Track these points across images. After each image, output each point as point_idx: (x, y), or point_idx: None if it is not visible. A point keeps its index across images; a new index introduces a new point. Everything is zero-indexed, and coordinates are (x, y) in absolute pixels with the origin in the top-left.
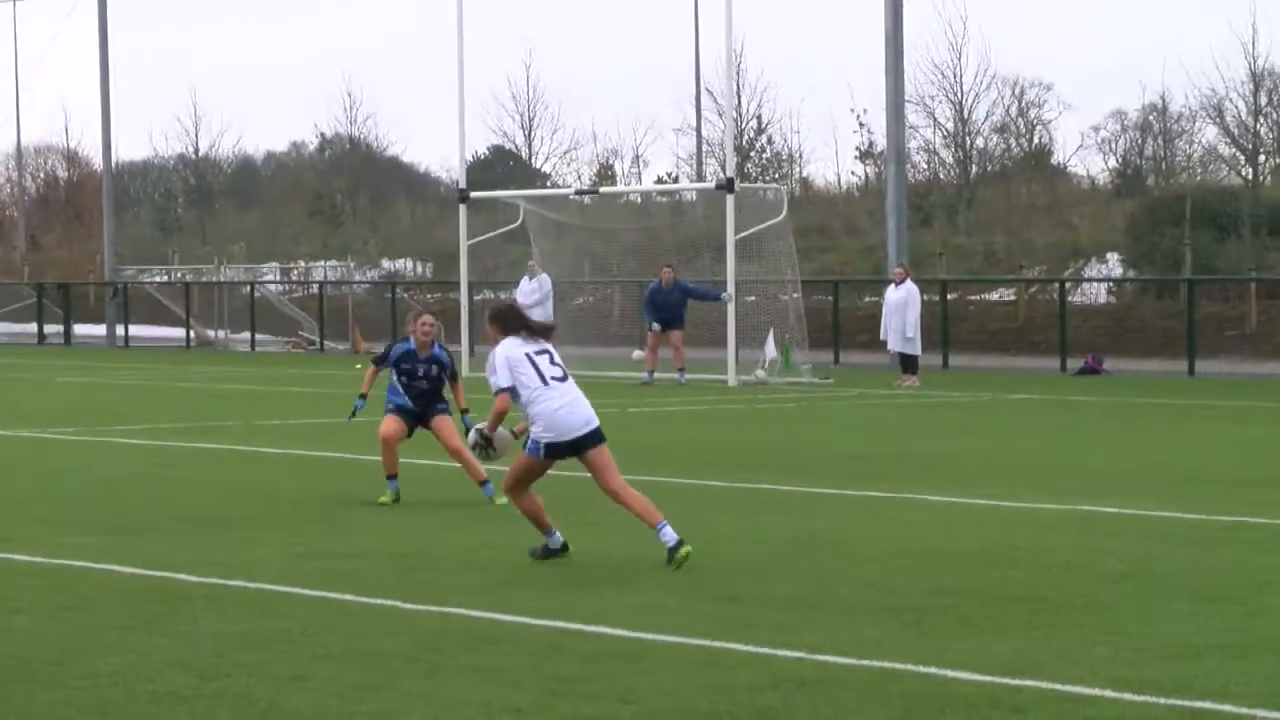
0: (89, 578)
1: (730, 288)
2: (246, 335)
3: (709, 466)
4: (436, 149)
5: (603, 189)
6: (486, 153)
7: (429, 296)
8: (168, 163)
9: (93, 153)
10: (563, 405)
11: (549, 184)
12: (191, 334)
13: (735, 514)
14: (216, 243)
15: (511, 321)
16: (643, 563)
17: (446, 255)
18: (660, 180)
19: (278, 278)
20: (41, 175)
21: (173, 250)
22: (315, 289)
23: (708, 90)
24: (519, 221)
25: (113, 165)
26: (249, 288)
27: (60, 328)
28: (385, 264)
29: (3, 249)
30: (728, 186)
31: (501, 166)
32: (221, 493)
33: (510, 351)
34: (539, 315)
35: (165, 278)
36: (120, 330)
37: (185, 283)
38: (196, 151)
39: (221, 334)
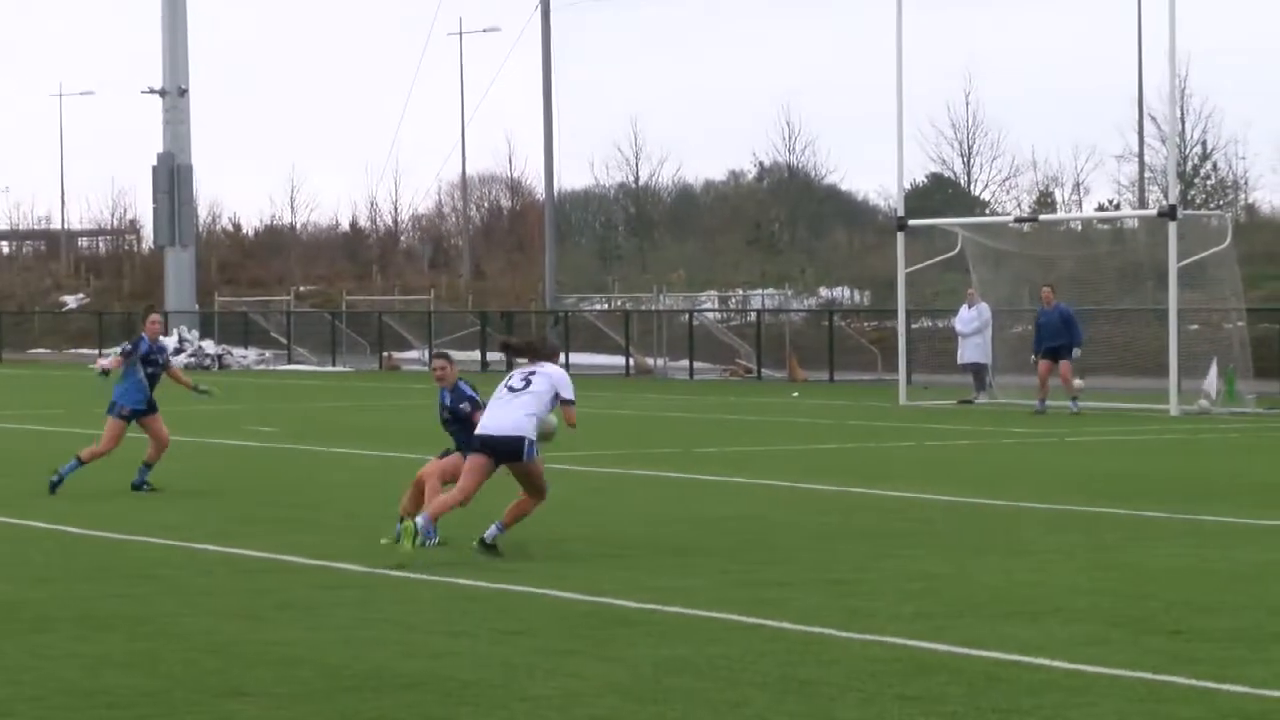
0: (529, 602)
1: (1172, 315)
2: (685, 363)
3: (1150, 497)
4: (874, 176)
5: (1043, 216)
6: (925, 180)
7: (866, 325)
8: (608, 192)
9: (535, 182)
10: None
11: (988, 211)
12: (631, 361)
13: (1178, 545)
14: (655, 271)
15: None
16: (1083, 592)
17: (884, 283)
18: (1101, 207)
19: (716, 305)
20: (486, 205)
21: (613, 278)
22: (753, 317)
23: (1150, 116)
24: (957, 249)
25: (555, 194)
26: (688, 315)
27: (502, 356)
28: (823, 292)
29: (448, 277)
30: (1170, 213)
31: (940, 194)
32: (657, 519)
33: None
34: (976, 343)
35: (605, 305)
36: (562, 358)
37: (625, 310)
38: (636, 181)
39: (660, 361)
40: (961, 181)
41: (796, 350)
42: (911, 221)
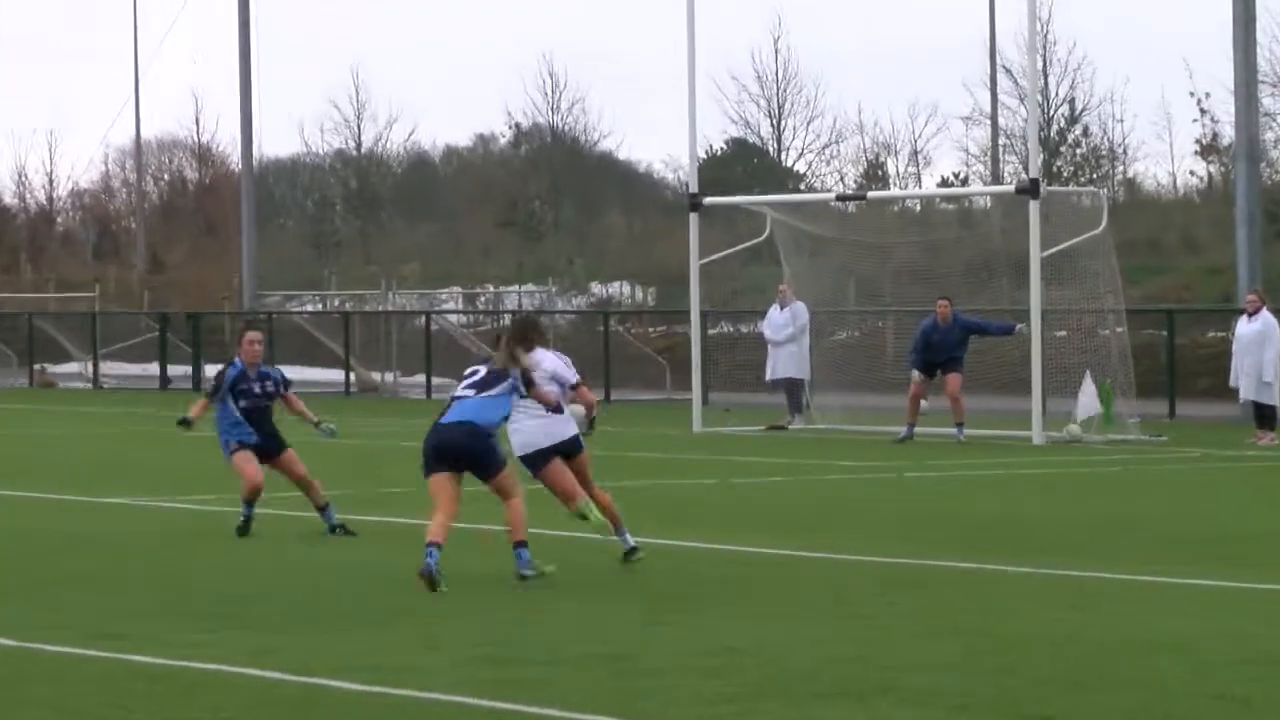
0: (218, 683)
1: (1034, 318)
2: (421, 379)
3: (1007, 547)
4: (660, 143)
5: (871, 194)
6: (724, 147)
7: (651, 330)
8: (323, 162)
9: (229, 149)
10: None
11: (803, 187)
12: (352, 377)
13: (1046, 608)
14: (384, 262)
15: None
16: (923, 667)
17: (673, 277)
18: (945, 182)
19: (460, 306)
20: (165, 177)
21: (329, 271)
22: (506, 320)
23: (1005, 68)
24: (765, 234)
25: (255, 164)
26: (424, 319)
27: (188, 369)
28: (596, 288)
29: (118, 269)
30: (1031, 190)
31: (743, 164)
32: (375, 577)
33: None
34: (790, 353)
35: (320, 306)
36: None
37: (344, 312)
38: (359, 148)
39: (390, 377)
40: (770, 149)
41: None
42: (707, 199)
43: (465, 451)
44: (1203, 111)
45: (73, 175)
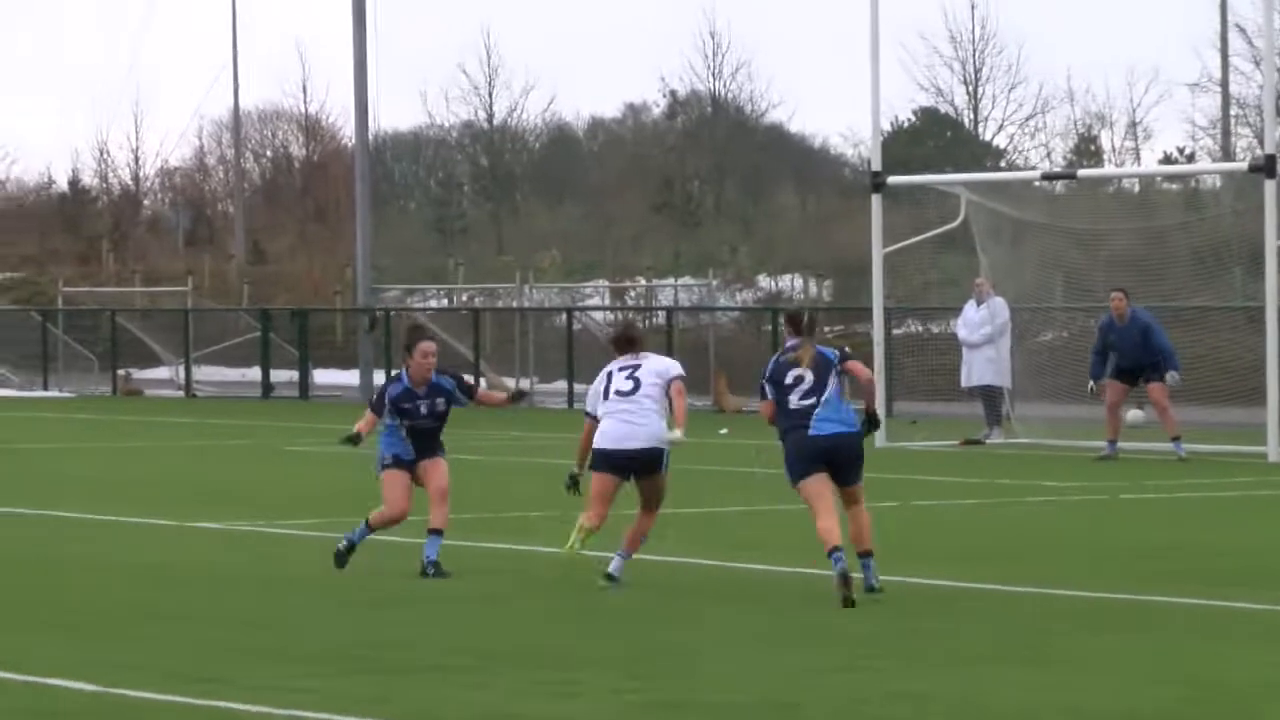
0: None
1: (1270, 315)
2: (562, 385)
3: (1244, 581)
4: (838, 113)
5: (1082, 172)
6: (912, 119)
7: (827, 330)
8: (449, 135)
9: (342, 120)
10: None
11: (1004, 164)
12: (483, 383)
13: None
14: (519, 251)
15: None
16: (1142, 717)
17: (853, 269)
18: (1168, 159)
19: (607, 301)
20: (268, 153)
21: (455, 261)
22: (661, 318)
23: (1237, 26)
24: (960, 219)
25: (370, 138)
26: (565, 316)
27: (294, 374)
28: (764, 282)
29: (213, 259)
30: (1267, 167)
31: (935, 139)
32: (512, 613)
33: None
34: (988, 356)
35: (445, 302)
36: (380, 378)
37: (474, 309)
38: (490, 120)
39: (527, 383)
40: (965, 120)
41: (725, 367)
42: (892, 179)
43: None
44: None
45: (161, 152)
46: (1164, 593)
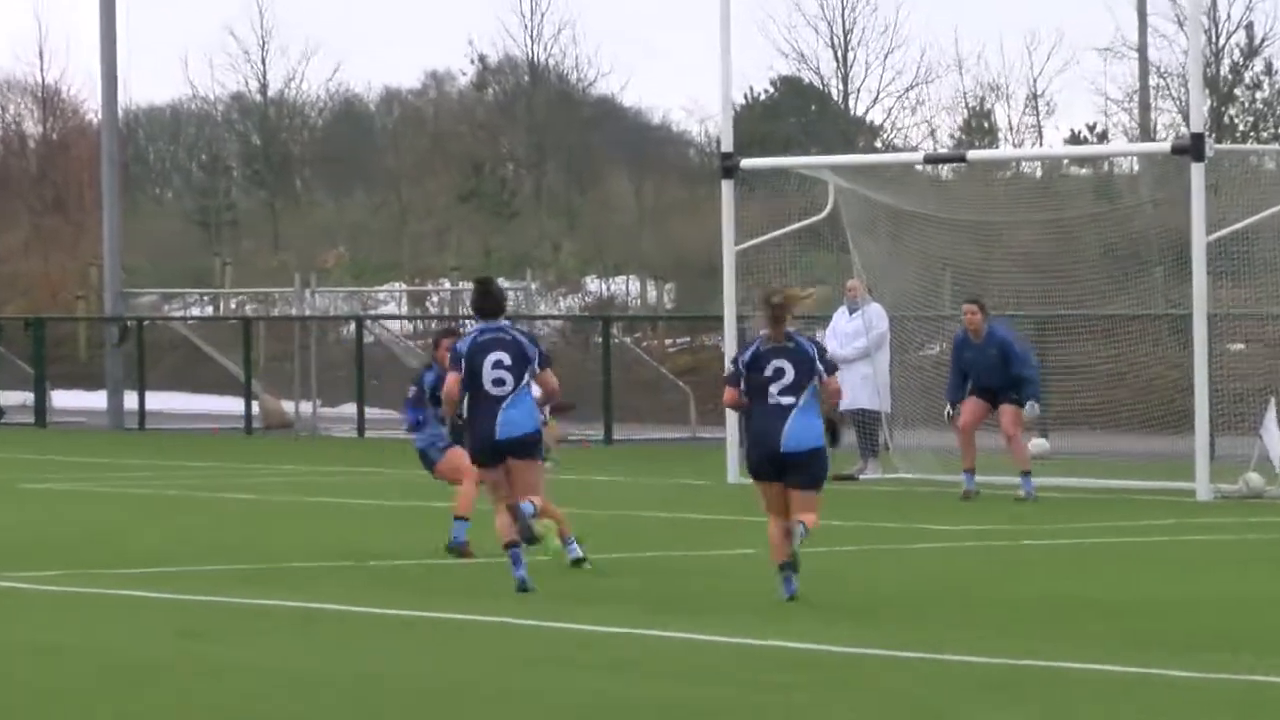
0: None
1: (1198, 326)
2: (350, 409)
3: (1169, 642)
4: (681, 84)
5: (973, 153)
6: (770, 89)
7: (669, 343)
8: (213, 110)
9: (86, 92)
10: None
11: (880, 144)
12: (255, 407)
13: None
14: (299, 248)
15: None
16: None
17: (699, 270)
18: (1076, 138)
19: (404, 309)
20: None
21: (223, 262)
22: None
23: None
24: (827, 210)
25: (120, 112)
26: (352, 325)
27: (28, 395)
28: (592, 285)
29: None
30: (1193, 149)
31: (797, 113)
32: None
33: None
34: (863, 375)
35: (210, 309)
36: (131, 401)
37: (244, 318)
38: (264, 91)
39: (307, 407)
40: (834, 91)
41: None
42: (746, 161)
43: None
44: None
45: None
46: (1072, 658)
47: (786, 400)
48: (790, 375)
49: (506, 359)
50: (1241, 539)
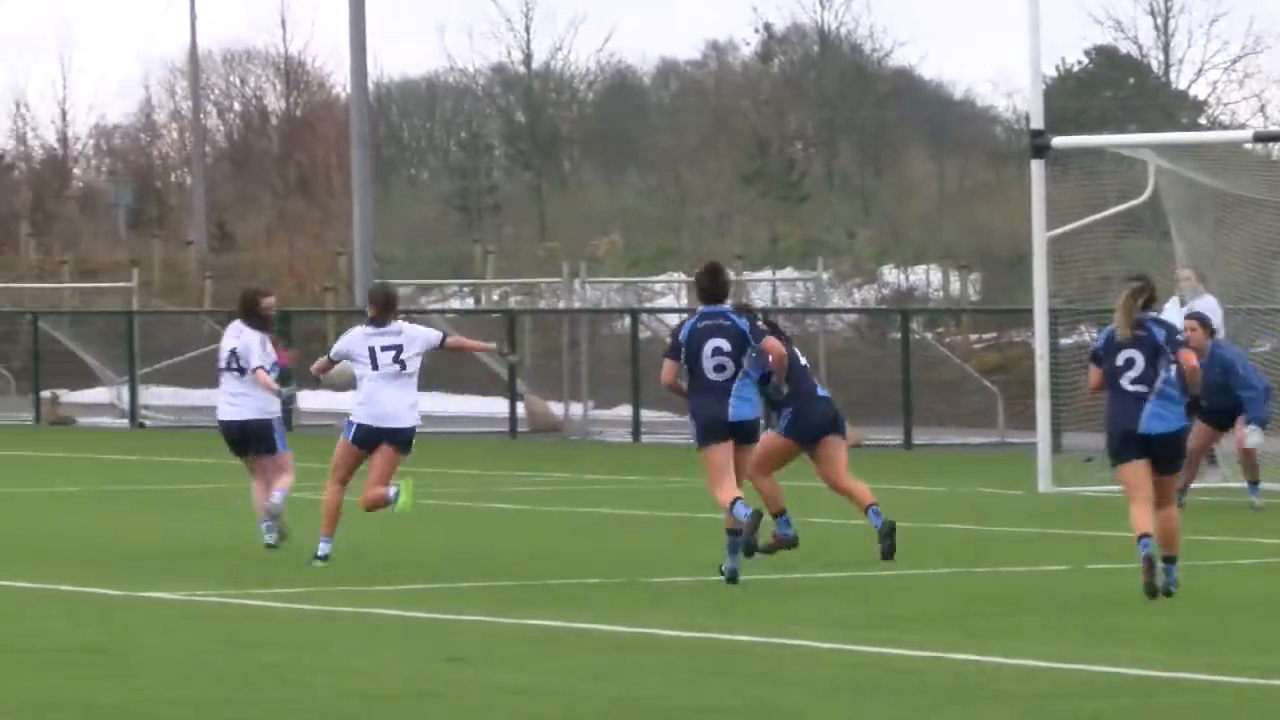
0: None
1: None
2: (625, 412)
3: None
4: (986, 56)
5: None
6: (1084, 62)
7: (973, 339)
8: (473, 84)
9: (333, 65)
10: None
11: (1205, 121)
12: (520, 409)
13: None
14: (568, 236)
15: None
16: None
17: (1007, 258)
18: None
19: (682, 302)
20: (235, 108)
21: (485, 250)
22: (774, 320)
23: None
24: (1147, 193)
25: (371, 87)
26: (627, 319)
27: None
28: (889, 275)
29: (166, 246)
30: None
31: (1112, 86)
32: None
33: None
34: None
35: (471, 301)
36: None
37: (508, 310)
38: (528, 63)
39: (578, 409)
40: (1154, 63)
41: (841, 388)
42: (1058, 140)
43: None
44: None
45: (97, 106)
46: None
47: (1139, 389)
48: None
49: (726, 345)
50: None
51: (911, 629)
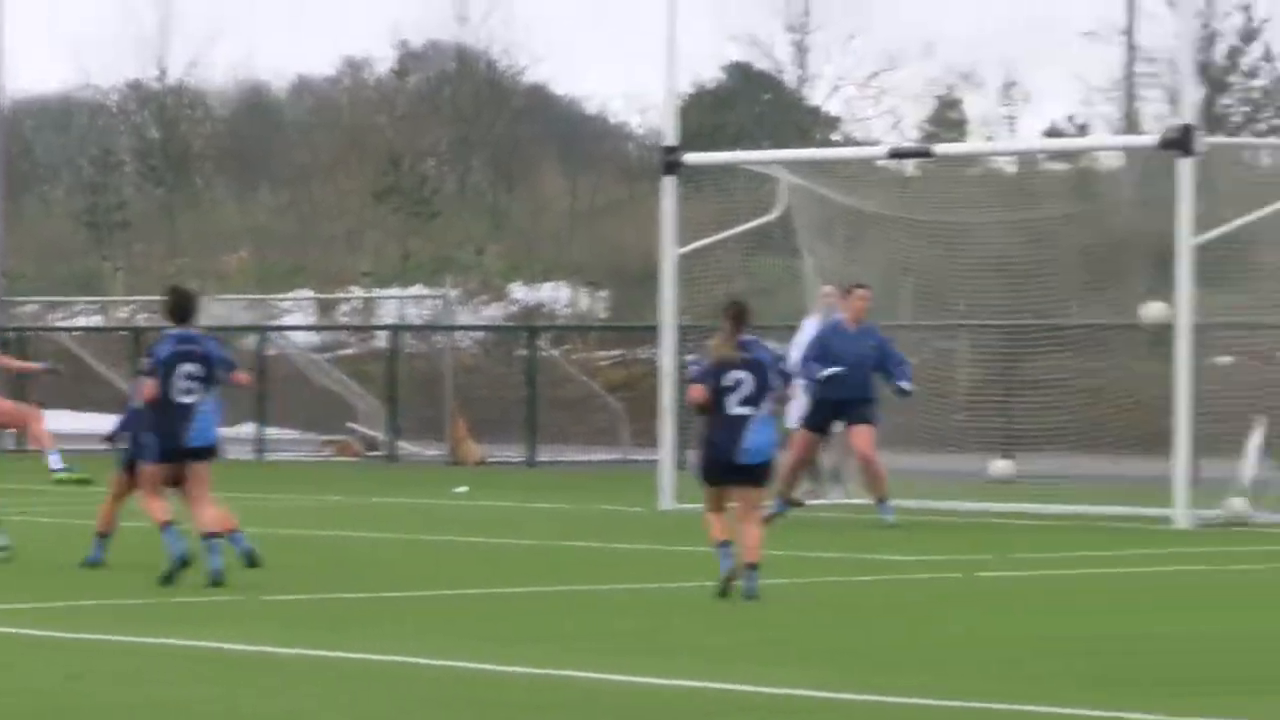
0: None
1: (1181, 336)
2: (249, 430)
3: (1134, 683)
4: (620, 71)
5: (940, 147)
6: (719, 77)
7: (600, 354)
8: (107, 100)
9: None
10: None
11: (838, 137)
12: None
13: None
14: (198, 252)
15: None
16: None
17: (637, 276)
18: (1054, 131)
19: (312, 319)
20: None
21: (114, 266)
22: (383, 339)
23: None
24: (779, 210)
25: (2, 103)
26: (258, 337)
27: None
28: (518, 292)
29: None
30: (1181, 143)
31: (747, 104)
32: None
33: None
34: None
35: (99, 319)
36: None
37: (135, 328)
38: (162, 78)
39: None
40: (789, 78)
41: (467, 405)
42: (691, 156)
43: None
44: None
45: None
46: (1033, 699)
47: (745, 411)
48: (749, 385)
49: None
50: (1222, 570)
51: (526, 646)
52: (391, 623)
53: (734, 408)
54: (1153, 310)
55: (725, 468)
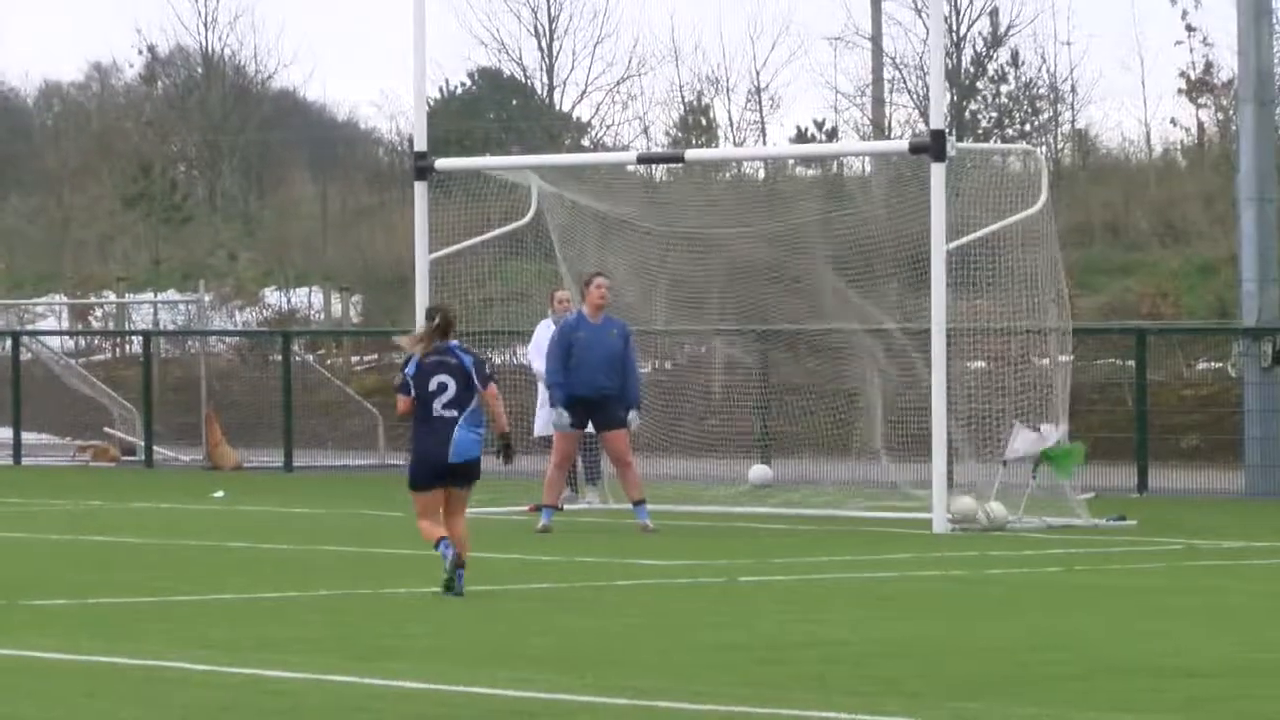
0: None
1: (936, 341)
2: (4, 433)
3: (898, 687)
4: (370, 77)
5: (690, 152)
6: (467, 82)
7: (356, 359)
8: None
9: None
10: None
11: (588, 142)
12: None
13: None
14: None
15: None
16: None
17: (389, 281)
18: (803, 136)
19: (65, 324)
20: None
21: None
22: (136, 345)
23: None
24: (529, 215)
25: None
26: (9, 342)
27: None
28: (270, 296)
29: None
30: (932, 148)
31: (496, 108)
32: None
33: None
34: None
35: None
36: None
37: None
38: None
39: None
40: (538, 85)
41: (223, 410)
42: (441, 162)
43: None
44: (1190, 30)
45: None
46: (780, 702)
47: (450, 414)
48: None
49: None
50: (979, 574)
51: (290, 650)
52: (162, 624)
53: (439, 410)
54: (960, 504)
55: (435, 470)
